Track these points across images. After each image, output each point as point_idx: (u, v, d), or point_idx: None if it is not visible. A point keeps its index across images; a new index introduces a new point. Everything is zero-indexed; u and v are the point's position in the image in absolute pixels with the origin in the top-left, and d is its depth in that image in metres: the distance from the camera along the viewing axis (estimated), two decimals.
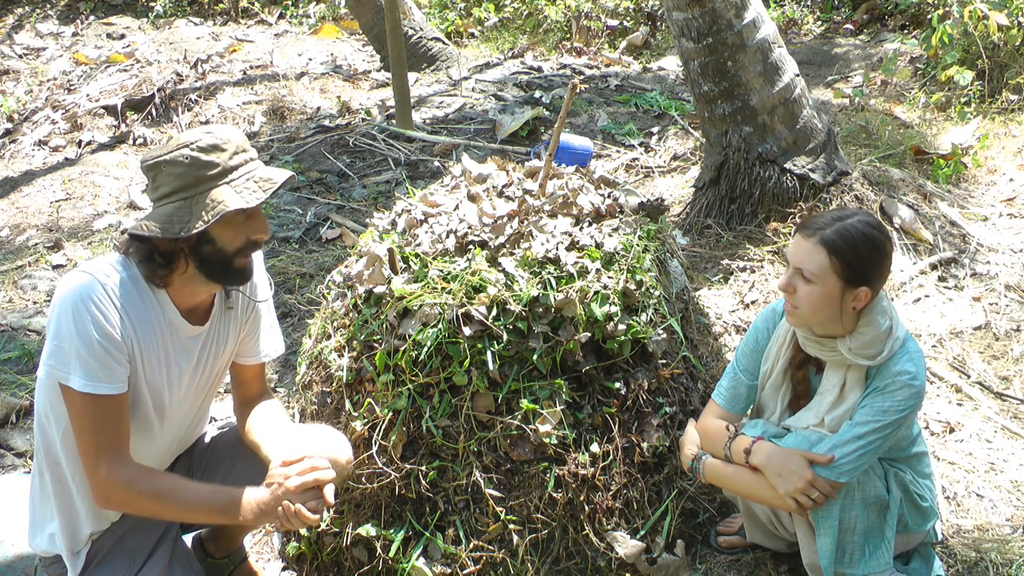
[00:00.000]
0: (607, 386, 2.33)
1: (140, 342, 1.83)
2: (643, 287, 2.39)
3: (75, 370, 1.73)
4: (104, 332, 1.75)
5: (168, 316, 1.89)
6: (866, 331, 1.98)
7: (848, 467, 1.96)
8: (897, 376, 1.97)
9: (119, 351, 1.78)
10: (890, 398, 1.97)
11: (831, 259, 1.93)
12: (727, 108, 3.95)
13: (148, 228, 1.76)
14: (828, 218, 1.97)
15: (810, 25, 8.15)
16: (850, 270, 1.93)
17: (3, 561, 2.55)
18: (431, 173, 5.08)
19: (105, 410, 1.77)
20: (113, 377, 1.77)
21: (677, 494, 2.38)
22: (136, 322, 1.82)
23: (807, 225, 1.98)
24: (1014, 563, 2.32)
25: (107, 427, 1.78)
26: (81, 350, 1.72)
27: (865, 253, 1.93)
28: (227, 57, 7.65)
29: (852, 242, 1.93)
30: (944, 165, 4.64)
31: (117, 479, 1.78)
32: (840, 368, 2.05)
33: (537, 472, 2.24)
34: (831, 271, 1.94)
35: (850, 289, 1.95)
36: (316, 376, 2.50)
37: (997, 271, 3.77)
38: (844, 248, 1.93)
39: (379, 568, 2.26)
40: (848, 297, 1.96)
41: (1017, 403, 3.01)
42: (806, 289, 1.96)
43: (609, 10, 8.28)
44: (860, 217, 1.96)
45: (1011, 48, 5.63)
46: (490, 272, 2.28)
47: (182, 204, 1.77)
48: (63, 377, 1.74)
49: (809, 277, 1.95)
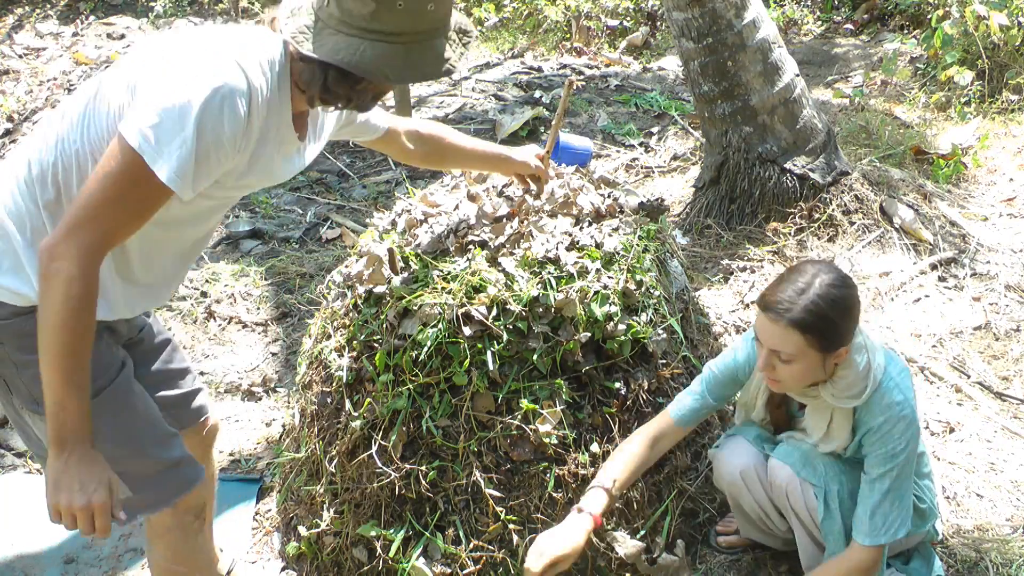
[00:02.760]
0: (607, 386, 2.33)
1: (255, 150, 1.63)
2: (643, 287, 2.39)
3: (170, 159, 1.47)
4: (231, 142, 1.53)
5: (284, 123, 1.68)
6: (846, 374, 1.95)
7: (898, 522, 1.97)
8: (888, 410, 1.95)
9: (226, 163, 1.57)
10: (891, 439, 1.95)
11: (805, 337, 1.87)
12: (727, 108, 3.95)
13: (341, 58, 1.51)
14: (791, 293, 1.88)
15: (810, 25, 8.15)
16: (827, 340, 1.89)
17: (3, 561, 2.55)
18: (431, 173, 5.08)
19: (151, 202, 1.53)
20: (198, 184, 1.54)
21: (677, 494, 2.38)
22: (263, 131, 1.62)
23: (771, 307, 1.89)
24: (1014, 563, 2.32)
25: (134, 218, 1.54)
26: (193, 146, 1.47)
27: (837, 319, 1.88)
28: None
29: (822, 314, 1.86)
30: (944, 165, 4.64)
31: (75, 258, 1.47)
32: (825, 409, 2.04)
33: (537, 472, 2.24)
34: (808, 347, 1.89)
35: (830, 355, 1.92)
36: (316, 376, 2.50)
37: (997, 271, 3.77)
38: (816, 323, 1.86)
39: (379, 568, 2.26)
40: (829, 361, 1.93)
41: (1017, 403, 3.01)
42: (786, 368, 1.93)
43: (609, 10, 8.27)
44: (821, 279, 1.89)
45: (1011, 48, 5.63)
46: (490, 272, 2.28)
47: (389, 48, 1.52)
48: (151, 158, 1.46)
49: (787, 359, 1.91)
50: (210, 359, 3.51)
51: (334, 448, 2.36)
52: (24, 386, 1.69)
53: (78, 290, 1.47)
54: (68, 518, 1.55)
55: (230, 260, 4.29)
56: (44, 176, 1.60)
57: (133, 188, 1.48)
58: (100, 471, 1.56)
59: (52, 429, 1.52)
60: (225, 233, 4.56)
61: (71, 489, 1.53)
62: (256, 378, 3.37)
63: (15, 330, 1.64)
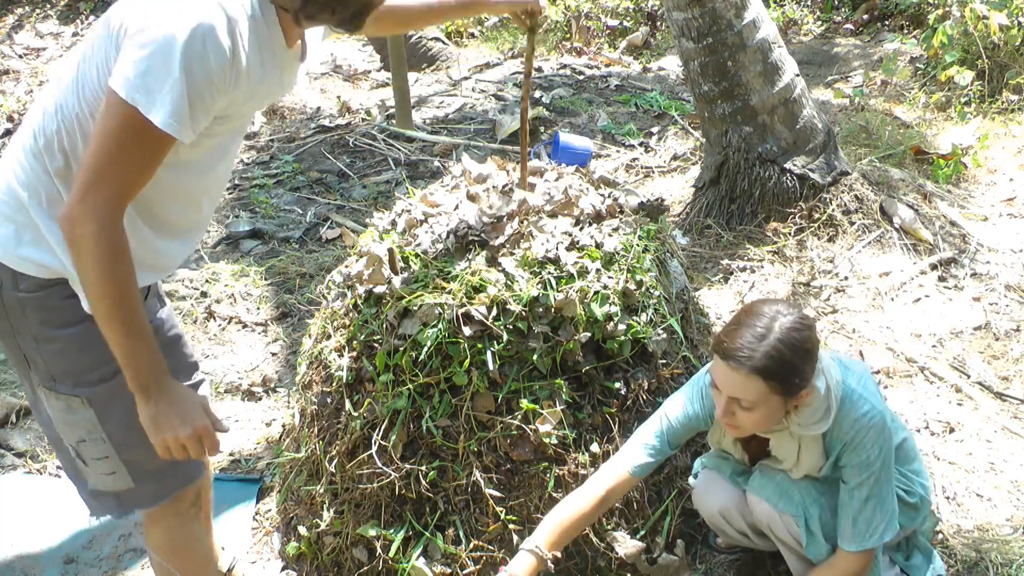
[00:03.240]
0: (607, 386, 2.33)
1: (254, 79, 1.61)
2: (643, 287, 2.39)
3: (164, 104, 1.46)
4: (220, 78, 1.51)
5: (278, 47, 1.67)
6: (808, 402, 1.90)
7: (883, 525, 1.96)
8: (856, 423, 1.92)
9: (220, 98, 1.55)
10: (863, 449, 1.93)
11: (768, 384, 1.81)
12: (727, 108, 3.95)
13: None
14: (749, 339, 1.81)
15: (810, 25, 8.15)
16: (790, 385, 1.84)
17: (3, 561, 2.55)
18: (431, 173, 5.08)
19: (155, 151, 1.53)
20: (197, 124, 1.53)
21: (677, 494, 2.38)
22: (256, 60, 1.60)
23: (731, 355, 1.82)
24: (1014, 563, 2.32)
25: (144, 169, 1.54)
26: (184, 87, 1.46)
27: (800, 363, 1.83)
28: None
29: (785, 360, 1.81)
30: (944, 165, 4.64)
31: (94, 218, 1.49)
32: (792, 438, 2.00)
33: (537, 472, 2.24)
34: (771, 394, 1.83)
35: (792, 398, 1.87)
36: (316, 376, 2.50)
37: (997, 271, 3.77)
38: (778, 369, 1.80)
39: (379, 568, 2.26)
40: (791, 403, 1.89)
41: (1017, 403, 3.01)
42: (747, 415, 1.88)
43: (609, 10, 8.28)
44: (781, 322, 1.82)
45: (1011, 48, 5.63)
46: (490, 272, 2.28)
47: None
48: (145, 107, 1.46)
49: (748, 406, 1.86)
50: (210, 359, 3.51)
51: (334, 448, 2.36)
52: (43, 362, 1.70)
53: (107, 246, 1.49)
54: (179, 451, 1.62)
55: (230, 260, 4.29)
56: (50, 145, 1.61)
57: (134, 140, 1.49)
58: (188, 398, 1.63)
59: (131, 379, 1.57)
60: (225, 233, 4.56)
61: (172, 425, 1.59)
62: (256, 378, 3.37)
63: (39, 303, 1.65)
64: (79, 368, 1.69)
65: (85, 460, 1.78)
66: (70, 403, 1.71)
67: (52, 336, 1.66)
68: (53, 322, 1.63)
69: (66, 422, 1.75)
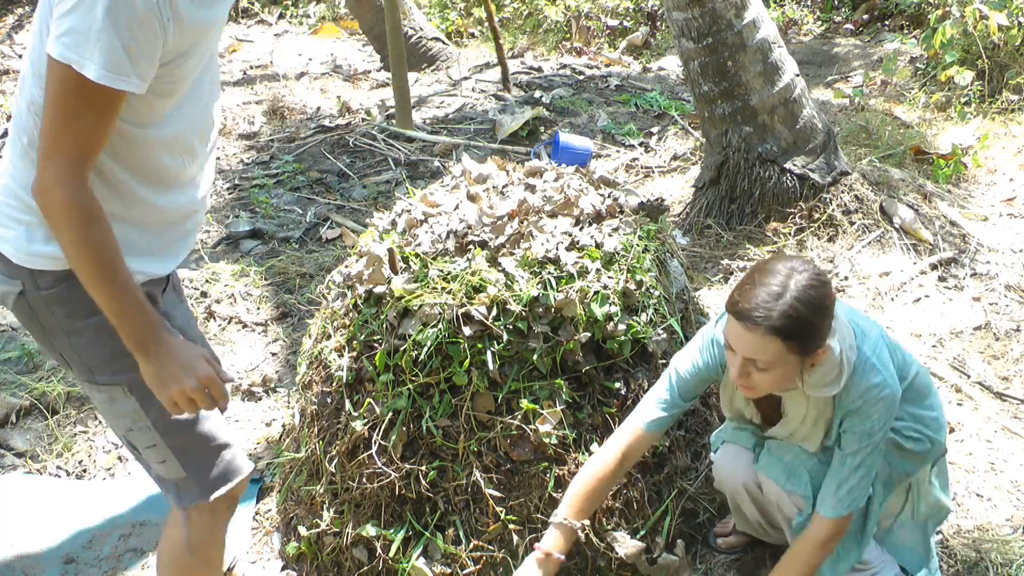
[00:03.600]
0: (607, 386, 2.33)
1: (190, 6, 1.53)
2: (643, 287, 2.39)
3: (94, 57, 1.41)
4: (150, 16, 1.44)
5: None
6: (823, 360, 1.86)
7: (860, 493, 1.95)
8: (866, 393, 1.89)
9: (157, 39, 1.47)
10: (868, 420, 1.90)
11: (785, 344, 1.76)
12: (727, 108, 3.95)
13: None
14: (765, 298, 1.75)
15: (810, 25, 8.15)
16: (807, 344, 1.79)
17: (3, 561, 2.55)
18: (431, 173, 5.08)
19: (103, 107, 1.47)
20: (140, 71, 1.46)
21: (677, 494, 2.38)
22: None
23: (746, 314, 1.76)
24: (1014, 563, 2.32)
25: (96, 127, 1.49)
26: (113, 35, 1.41)
27: (817, 320, 1.77)
28: (227, 57, 7.65)
29: (802, 318, 1.75)
30: (944, 165, 4.64)
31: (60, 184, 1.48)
32: (802, 397, 1.97)
33: (537, 472, 2.24)
34: (787, 353, 1.78)
35: (808, 356, 1.82)
36: (316, 376, 2.50)
37: (997, 271, 3.77)
38: (796, 327, 1.75)
39: (379, 568, 2.26)
40: (807, 362, 1.84)
41: (1017, 403, 3.01)
42: (763, 376, 1.83)
43: (609, 10, 8.28)
44: (796, 280, 1.76)
45: (1011, 48, 5.63)
46: (490, 272, 2.28)
47: None
48: (78, 63, 1.41)
49: (764, 367, 1.80)
50: None
51: (334, 448, 2.36)
52: (78, 356, 1.69)
53: (77, 210, 1.49)
54: (187, 404, 1.60)
55: (230, 260, 4.29)
56: (33, 142, 1.59)
57: (78, 99, 1.45)
58: (189, 349, 1.61)
59: (127, 338, 1.56)
60: (225, 233, 4.56)
61: (176, 379, 1.58)
62: (256, 378, 3.37)
63: (61, 297, 1.64)
64: (113, 355, 1.66)
65: (138, 449, 1.77)
66: (112, 393, 1.70)
67: (80, 328, 1.65)
68: (79, 313, 1.63)
69: (112, 413, 1.74)
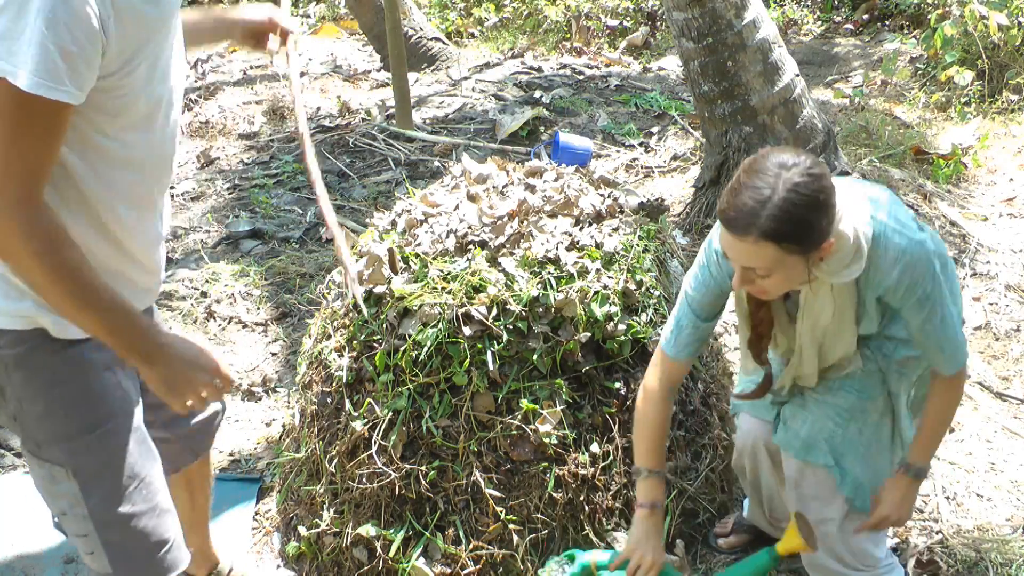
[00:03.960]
0: (607, 386, 2.33)
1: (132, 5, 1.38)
2: (643, 287, 2.39)
3: (27, 63, 1.25)
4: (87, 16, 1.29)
5: None
6: (836, 248, 1.69)
7: (961, 338, 1.85)
8: (897, 262, 1.72)
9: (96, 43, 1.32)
10: (917, 287, 1.74)
11: (780, 247, 1.61)
12: (727, 108, 3.95)
13: None
14: (751, 203, 1.60)
15: (810, 25, 8.15)
16: (805, 241, 1.63)
17: (3, 561, 2.55)
18: (431, 173, 5.08)
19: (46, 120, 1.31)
20: (77, 79, 1.30)
21: (677, 494, 2.38)
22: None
23: (733, 222, 1.63)
24: (1014, 563, 2.32)
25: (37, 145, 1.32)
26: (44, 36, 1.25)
27: (812, 217, 1.61)
28: (227, 57, 7.64)
29: (794, 218, 1.59)
30: (944, 165, 4.64)
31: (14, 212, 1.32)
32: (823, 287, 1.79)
33: (537, 472, 2.24)
34: (786, 256, 1.63)
35: (814, 252, 1.66)
36: (316, 376, 2.50)
37: (997, 271, 3.77)
38: (788, 230, 1.60)
39: (379, 568, 2.26)
40: (814, 257, 1.68)
41: (1017, 403, 3.01)
42: (766, 282, 1.70)
43: (609, 10, 8.28)
44: (785, 178, 1.60)
45: (1011, 48, 5.63)
46: (490, 272, 2.28)
47: None
48: (10, 73, 1.25)
49: (764, 273, 1.67)
50: None
51: (334, 448, 2.36)
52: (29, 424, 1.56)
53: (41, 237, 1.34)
54: (199, 402, 1.54)
55: (230, 260, 4.29)
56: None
57: (15, 114, 1.28)
58: (189, 346, 1.53)
59: (128, 353, 1.46)
60: (225, 233, 4.56)
61: (189, 381, 1.50)
62: (256, 378, 3.37)
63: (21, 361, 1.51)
64: (65, 435, 1.55)
65: (67, 534, 1.66)
66: (54, 472, 1.57)
67: (35, 397, 1.52)
68: (36, 383, 1.50)
69: (50, 492, 1.61)
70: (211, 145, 5.76)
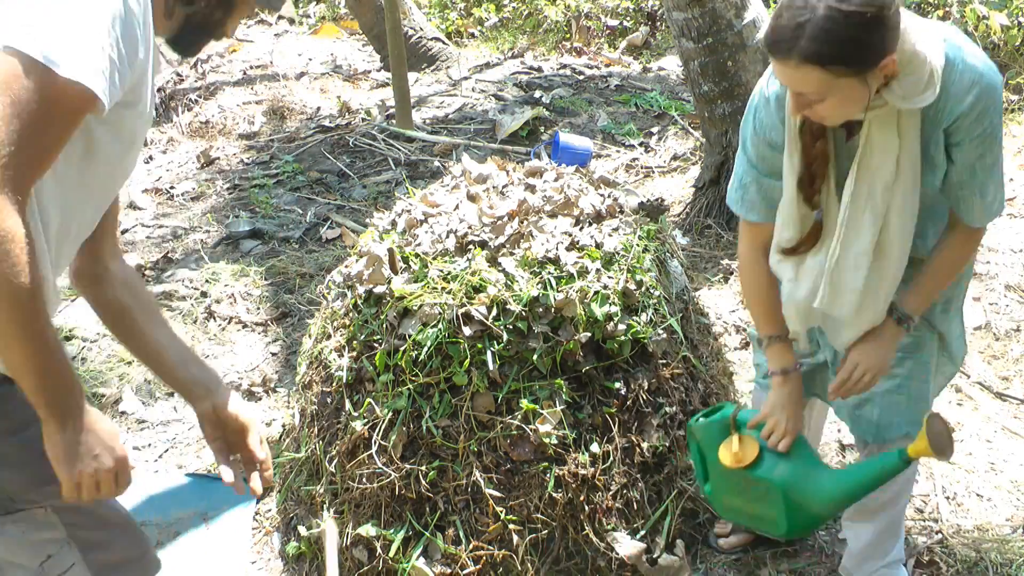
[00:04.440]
0: (607, 386, 2.33)
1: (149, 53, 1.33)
2: (643, 287, 2.39)
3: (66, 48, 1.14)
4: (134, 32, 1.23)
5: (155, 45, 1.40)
6: (910, 69, 1.56)
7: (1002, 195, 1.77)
8: (974, 86, 1.59)
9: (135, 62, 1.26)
10: (986, 117, 1.62)
11: (827, 69, 1.50)
12: (727, 108, 3.95)
13: None
14: (791, 22, 1.49)
15: None
16: (857, 61, 1.51)
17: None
18: (431, 173, 5.08)
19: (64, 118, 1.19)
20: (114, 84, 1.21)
21: (677, 494, 2.38)
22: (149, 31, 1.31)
23: (774, 47, 1.53)
24: (1014, 563, 2.32)
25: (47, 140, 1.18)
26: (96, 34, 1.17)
27: (861, 34, 1.49)
28: (227, 57, 7.64)
29: (838, 38, 1.48)
30: None
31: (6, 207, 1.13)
32: (889, 120, 1.64)
33: (537, 472, 2.24)
34: (835, 78, 1.51)
35: (872, 70, 1.53)
36: (316, 376, 2.50)
37: (997, 271, 3.77)
38: (832, 50, 1.49)
39: (379, 568, 2.26)
40: (874, 78, 1.54)
41: (1017, 403, 3.01)
42: (822, 106, 1.58)
43: (609, 10, 8.28)
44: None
45: (1011, 48, 5.63)
46: (490, 272, 2.28)
47: None
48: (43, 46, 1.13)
49: (817, 97, 1.56)
50: (210, 359, 3.51)
51: (334, 448, 2.36)
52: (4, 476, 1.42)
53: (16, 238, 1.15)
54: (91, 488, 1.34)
55: (230, 260, 4.29)
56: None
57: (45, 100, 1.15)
58: (109, 424, 1.36)
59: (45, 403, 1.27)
60: (225, 233, 4.56)
61: (93, 455, 1.32)
62: (256, 378, 3.37)
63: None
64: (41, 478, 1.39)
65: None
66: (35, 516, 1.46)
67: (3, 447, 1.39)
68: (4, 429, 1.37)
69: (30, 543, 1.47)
70: (211, 145, 5.77)
